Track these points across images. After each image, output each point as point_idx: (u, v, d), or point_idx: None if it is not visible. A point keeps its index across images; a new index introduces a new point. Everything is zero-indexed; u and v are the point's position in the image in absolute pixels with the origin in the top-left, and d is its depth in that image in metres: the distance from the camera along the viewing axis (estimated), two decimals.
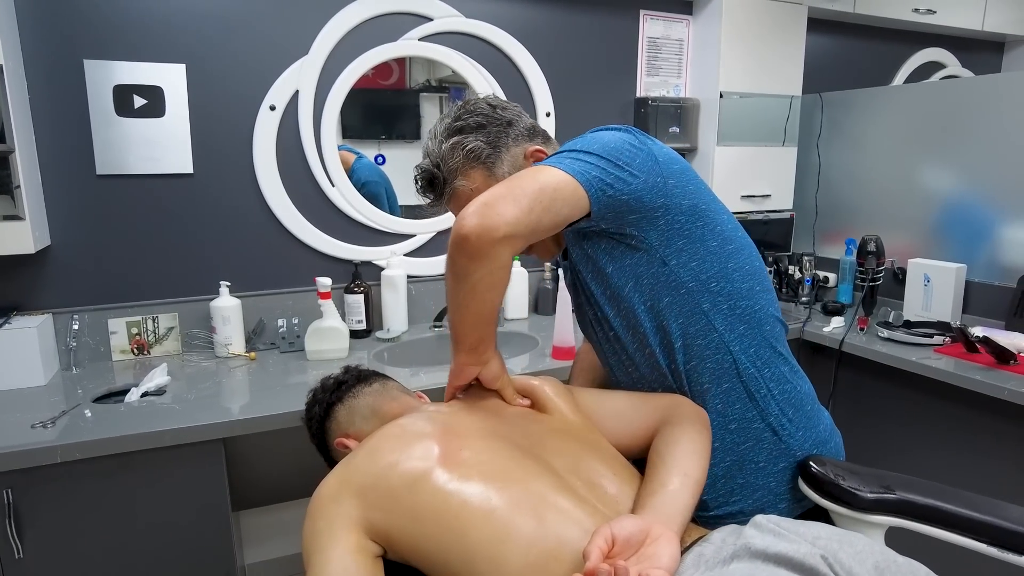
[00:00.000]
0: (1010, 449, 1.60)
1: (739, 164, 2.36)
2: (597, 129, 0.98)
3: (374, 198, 2.01)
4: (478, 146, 1.00)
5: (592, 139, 0.93)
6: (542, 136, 1.07)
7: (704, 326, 0.97)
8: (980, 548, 0.87)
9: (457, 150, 1.00)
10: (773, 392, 1.00)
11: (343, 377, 1.15)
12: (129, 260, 1.77)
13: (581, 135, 0.97)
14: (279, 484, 1.94)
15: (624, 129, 0.96)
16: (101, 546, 1.30)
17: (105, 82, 1.66)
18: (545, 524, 0.78)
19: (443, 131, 1.02)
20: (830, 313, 2.16)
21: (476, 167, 1.01)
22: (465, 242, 0.82)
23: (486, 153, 1.00)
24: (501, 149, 1.01)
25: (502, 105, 1.05)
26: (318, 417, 1.12)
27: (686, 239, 0.95)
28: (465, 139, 1.00)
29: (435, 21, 2.00)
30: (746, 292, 0.99)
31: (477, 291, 0.88)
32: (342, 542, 0.81)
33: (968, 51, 3.09)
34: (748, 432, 1.00)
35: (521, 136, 1.03)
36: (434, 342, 2.01)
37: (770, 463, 1.00)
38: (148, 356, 1.79)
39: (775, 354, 1.02)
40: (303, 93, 1.87)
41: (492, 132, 1.01)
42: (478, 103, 1.04)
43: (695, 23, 2.35)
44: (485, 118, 1.02)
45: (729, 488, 1.01)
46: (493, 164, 1.01)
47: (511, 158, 1.02)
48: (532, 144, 1.04)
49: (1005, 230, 2.00)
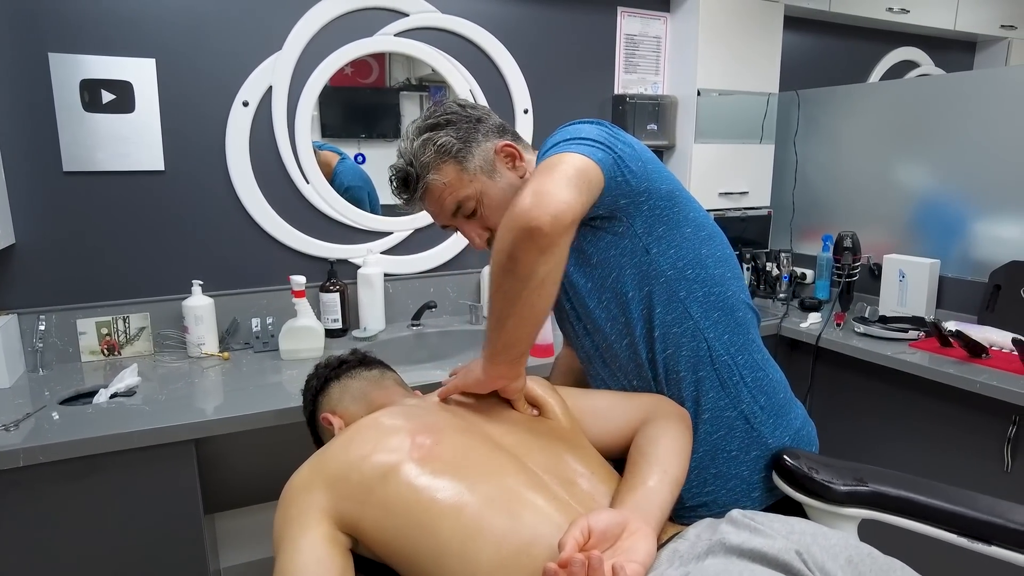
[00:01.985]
0: (982, 441, 1.62)
1: (717, 161, 2.37)
2: (572, 123, 0.98)
3: (357, 203, 2.00)
4: (448, 141, 1.01)
5: (577, 130, 0.93)
6: (512, 134, 1.08)
7: (680, 314, 0.98)
8: (950, 538, 0.88)
9: (428, 145, 1.01)
10: (746, 379, 1.00)
11: (347, 357, 1.17)
12: (99, 259, 1.73)
13: (559, 129, 0.97)
14: (255, 485, 1.91)
15: (596, 122, 0.97)
16: (68, 553, 1.27)
17: (71, 77, 1.62)
18: (518, 520, 0.77)
19: (414, 130, 1.04)
20: (807, 309, 2.18)
21: (447, 161, 1.01)
22: (538, 234, 0.78)
23: (456, 147, 1.01)
24: (471, 144, 1.02)
25: (471, 105, 1.08)
26: (314, 389, 1.13)
27: (665, 225, 0.96)
28: (436, 135, 1.01)
29: (411, 17, 1.98)
30: (719, 279, 1.00)
31: (544, 288, 0.84)
32: (312, 531, 0.81)
33: (941, 50, 3.13)
34: (721, 421, 1.00)
35: (491, 132, 1.05)
36: (412, 341, 1.99)
37: (743, 452, 1.01)
38: (119, 357, 1.76)
39: (748, 341, 1.03)
40: (277, 89, 1.84)
41: (462, 128, 1.02)
42: (448, 103, 1.07)
43: (672, 20, 2.35)
44: (455, 115, 1.04)
45: (702, 478, 1.01)
46: (464, 158, 1.02)
47: (482, 152, 1.03)
48: (502, 140, 1.05)
49: (977, 226, 2.03)
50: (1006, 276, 1.90)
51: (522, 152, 1.06)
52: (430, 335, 2.02)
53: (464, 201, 1.02)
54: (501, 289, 0.86)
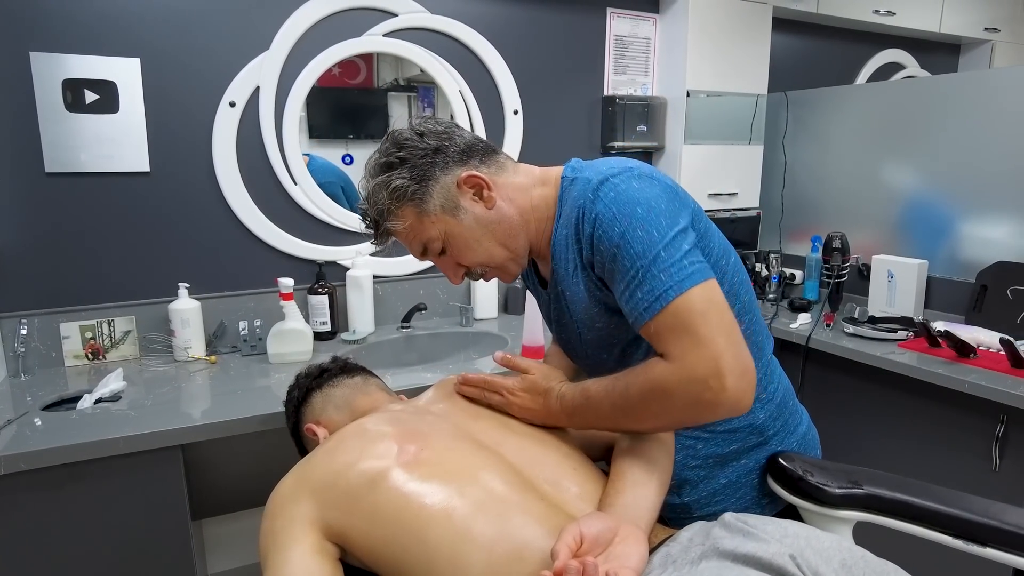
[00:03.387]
0: (970, 440, 1.63)
1: (706, 162, 2.37)
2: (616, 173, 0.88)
3: (332, 198, 1.97)
4: (402, 184, 0.92)
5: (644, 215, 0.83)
6: (480, 154, 0.96)
7: None
8: (945, 540, 0.88)
9: (382, 190, 0.93)
10: (763, 399, 1.00)
11: (328, 365, 1.15)
12: (82, 261, 1.70)
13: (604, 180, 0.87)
14: (243, 490, 1.88)
15: (639, 175, 0.88)
16: (51, 563, 1.24)
17: (53, 76, 1.59)
18: (507, 525, 0.76)
19: (372, 169, 0.96)
20: (797, 310, 2.19)
21: (404, 205, 0.93)
22: (743, 411, 0.81)
23: (411, 189, 0.92)
24: (429, 182, 0.92)
25: (429, 131, 0.95)
26: (296, 401, 1.12)
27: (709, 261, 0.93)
28: (390, 177, 0.92)
29: (400, 17, 1.97)
30: (748, 306, 0.99)
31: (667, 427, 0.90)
32: (300, 542, 0.79)
33: (926, 52, 3.16)
34: (735, 435, 1.00)
35: (451, 162, 0.94)
36: (401, 343, 1.97)
37: (751, 460, 1.01)
38: (104, 361, 1.73)
39: (768, 363, 1.02)
40: (264, 89, 1.82)
41: (417, 165, 0.92)
42: (401, 134, 0.95)
43: (662, 21, 2.36)
44: (410, 151, 0.93)
45: (712, 488, 1.01)
46: (422, 199, 0.93)
47: (441, 189, 0.93)
48: (465, 169, 0.94)
49: (963, 226, 2.04)
50: (992, 276, 1.92)
51: (490, 179, 0.94)
52: (420, 337, 2.01)
53: (429, 243, 0.95)
54: (639, 418, 0.87)
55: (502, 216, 0.95)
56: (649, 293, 0.81)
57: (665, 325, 0.81)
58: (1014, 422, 1.53)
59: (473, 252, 0.96)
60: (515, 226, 0.96)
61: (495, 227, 0.95)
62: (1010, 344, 1.61)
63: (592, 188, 0.87)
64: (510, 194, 0.96)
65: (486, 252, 0.96)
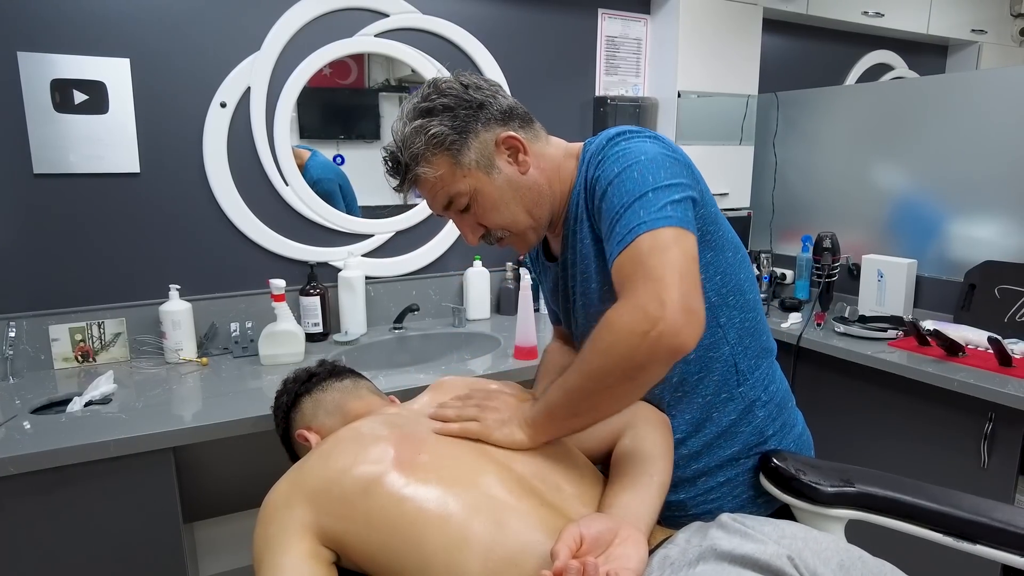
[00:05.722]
0: (959, 438, 1.64)
1: (697, 163, 2.31)
2: (627, 136, 0.90)
3: (328, 195, 1.96)
4: (442, 131, 0.90)
5: (647, 163, 0.85)
6: (519, 119, 0.96)
7: (719, 339, 0.96)
8: (936, 538, 0.89)
9: (420, 134, 0.90)
10: (764, 400, 1.01)
11: (316, 369, 1.13)
12: (72, 263, 1.69)
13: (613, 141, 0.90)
14: (236, 493, 1.87)
15: (652, 137, 0.90)
16: (41, 567, 1.23)
17: (41, 76, 1.58)
18: (505, 529, 0.76)
19: (409, 112, 0.93)
20: (788, 309, 2.20)
21: (439, 154, 0.91)
22: (683, 354, 0.75)
23: (451, 139, 0.91)
24: (468, 135, 0.91)
25: (475, 84, 0.94)
26: (285, 407, 1.10)
27: (713, 251, 0.93)
28: (429, 123, 0.90)
29: (391, 17, 1.96)
30: (753, 303, 0.99)
31: (641, 389, 0.81)
32: (294, 548, 0.79)
33: (914, 53, 3.18)
34: (735, 436, 1.00)
35: (493, 120, 0.93)
36: (394, 344, 1.97)
37: (750, 459, 1.01)
38: (94, 364, 1.71)
39: (769, 363, 1.03)
40: (255, 90, 1.81)
41: (460, 115, 0.91)
42: (449, 82, 0.94)
43: (653, 22, 2.36)
44: (454, 99, 0.92)
45: (708, 486, 1.01)
46: (459, 151, 0.91)
47: (479, 145, 0.92)
48: (506, 129, 0.94)
49: (952, 226, 2.06)
50: (981, 275, 1.94)
51: (528, 144, 0.95)
52: (412, 338, 2.00)
53: (456, 197, 0.94)
54: (609, 390, 0.81)
55: (533, 182, 0.95)
56: (624, 227, 0.81)
57: (628, 258, 0.79)
58: (1002, 420, 1.55)
59: (499, 213, 0.95)
60: (543, 194, 0.96)
61: (525, 192, 0.95)
62: (998, 342, 1.62)
63: (607, 137, 0.91)
64: (542, 163, 0.97)
65: (511, 215, 0.96)
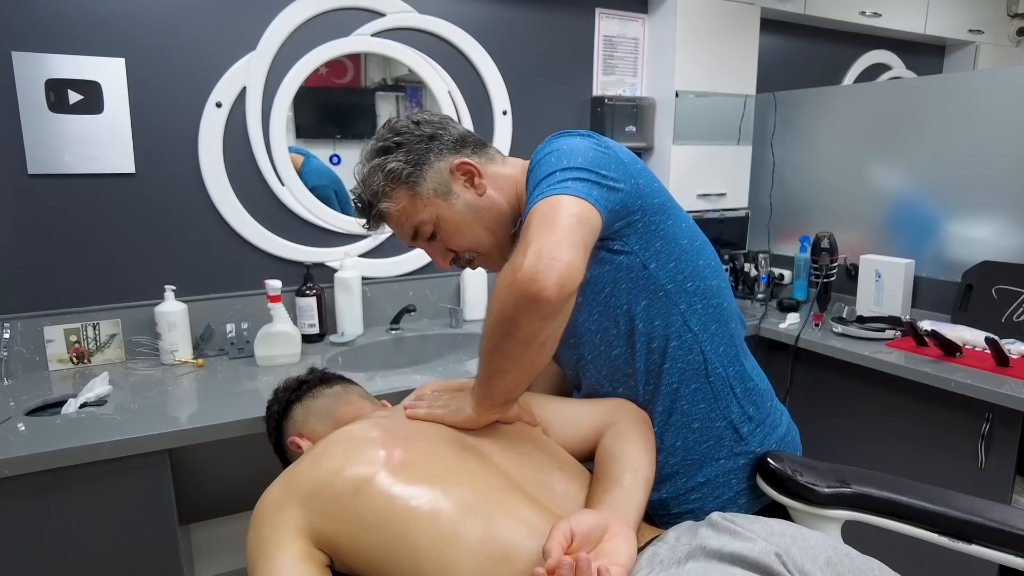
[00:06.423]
0: (956, 438, 1.64)
1: (695, 163, 2.38)
2: (559, 135, 0.94)
3: (324, 201, 1.96)
4: (397, 166, 0.97)
5: (568, 151, 0.88)
6: (472, 145, 1.02)
7: (680, 327, 0.97)
8: (932, 538, 0.89)
9: (377, 172, 0.98)
10: (736, 391, 1.00)
11: (306, 377, 1.15)
12: (67, 264, 1.68)
13: (546, 142, 0.94)
14: (231, 495, 1.87)
15: (585, 135, 0.94)
16: (36, 570, 1.22)
17: (36, 76, 1.57)
18: (494, 526, 0.77)
19: (367, 153, 1.01)
20: (786, 309, 2.20)
21: (398, 187, 0.98)
22: (543, 303, 0.75)
23: (407, 172, 0.97)
24: (423, 166, 0.98)
25: (426, 120, 1.01)
26: (276, 414, 1.11)
27: (662, 240, 0.94)
28: (386, 160, 0.98)
29: (388, 17, 1.96)
30: (716, 290, 1.00)
31: (546, 347, 0.83)
32: (288, 550, 0.79)
33: (912, 53, 3.19)
34: (711, 431, 1.00)
35: (446, 149, 1.00)
36: (390, 345, 1.97)
37: (730, 460, 1.01)
38: (89, 365, 1.71)
39: (739, 351, 1.03)
40: (251, 90, 1.81)
41: (413, 149, 0.98)
42: (402, 122, 1.01)
43: (650, 22, 2.36)
44: (407, 136, 0.99)
45: (689, 486, 1.01)
46: (416, 183, 0.97)
47: (435, 174, 0.98)
48: (459, 156, 1.00)
49: (949, 226, 2.06)
50: (978, 276, 1.94)
51: (481, 167, 1.00)
52: (409, 339, 2.00)
53: (420, 226, 0.99)
54: (500, 348, 0.82)
55: (491, 203, 1.00)
56: (530, 202, 0.84)
57: (525, 226, 0.82)
58: (999, 420, 1.55)
59: (463, 236, 1.00)
60: (503, 212, 1.01)
61: (484, 213, 1.00)
62: (995, 343, 1.62)
63: (544, 142, 0.95)
64: (499, 184, 1.01)
65: (475, 237, 1.01)
